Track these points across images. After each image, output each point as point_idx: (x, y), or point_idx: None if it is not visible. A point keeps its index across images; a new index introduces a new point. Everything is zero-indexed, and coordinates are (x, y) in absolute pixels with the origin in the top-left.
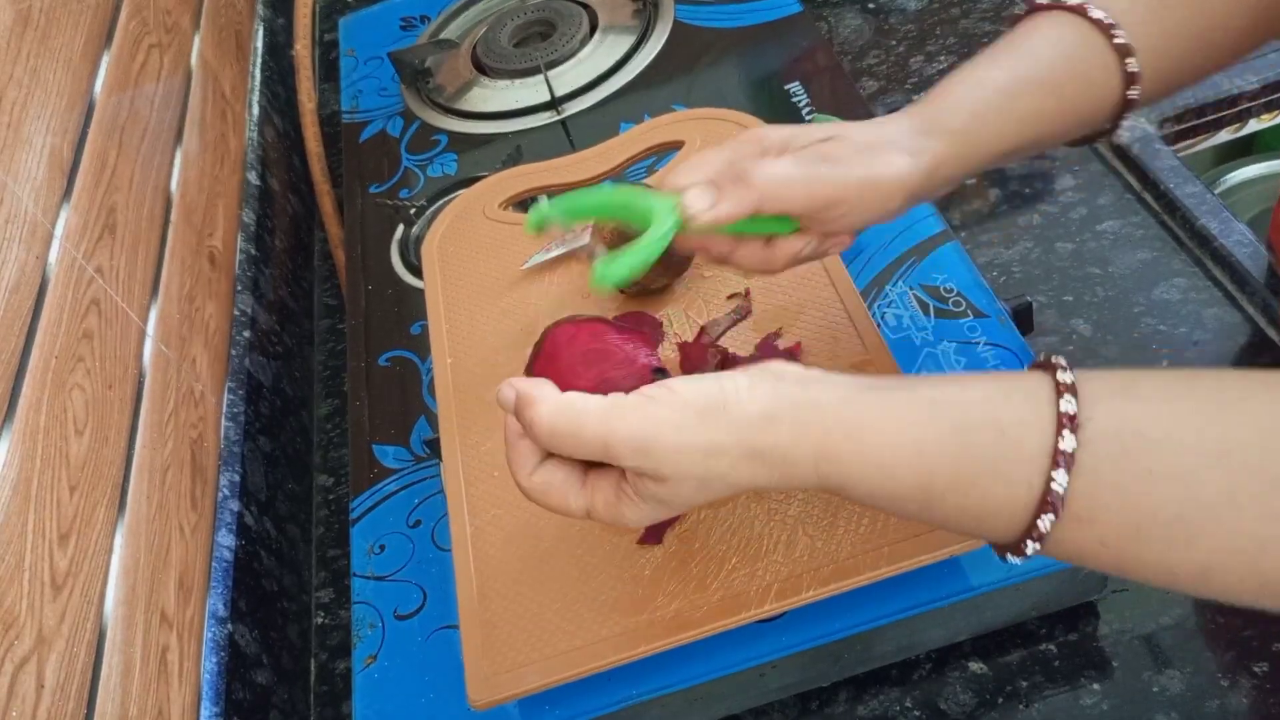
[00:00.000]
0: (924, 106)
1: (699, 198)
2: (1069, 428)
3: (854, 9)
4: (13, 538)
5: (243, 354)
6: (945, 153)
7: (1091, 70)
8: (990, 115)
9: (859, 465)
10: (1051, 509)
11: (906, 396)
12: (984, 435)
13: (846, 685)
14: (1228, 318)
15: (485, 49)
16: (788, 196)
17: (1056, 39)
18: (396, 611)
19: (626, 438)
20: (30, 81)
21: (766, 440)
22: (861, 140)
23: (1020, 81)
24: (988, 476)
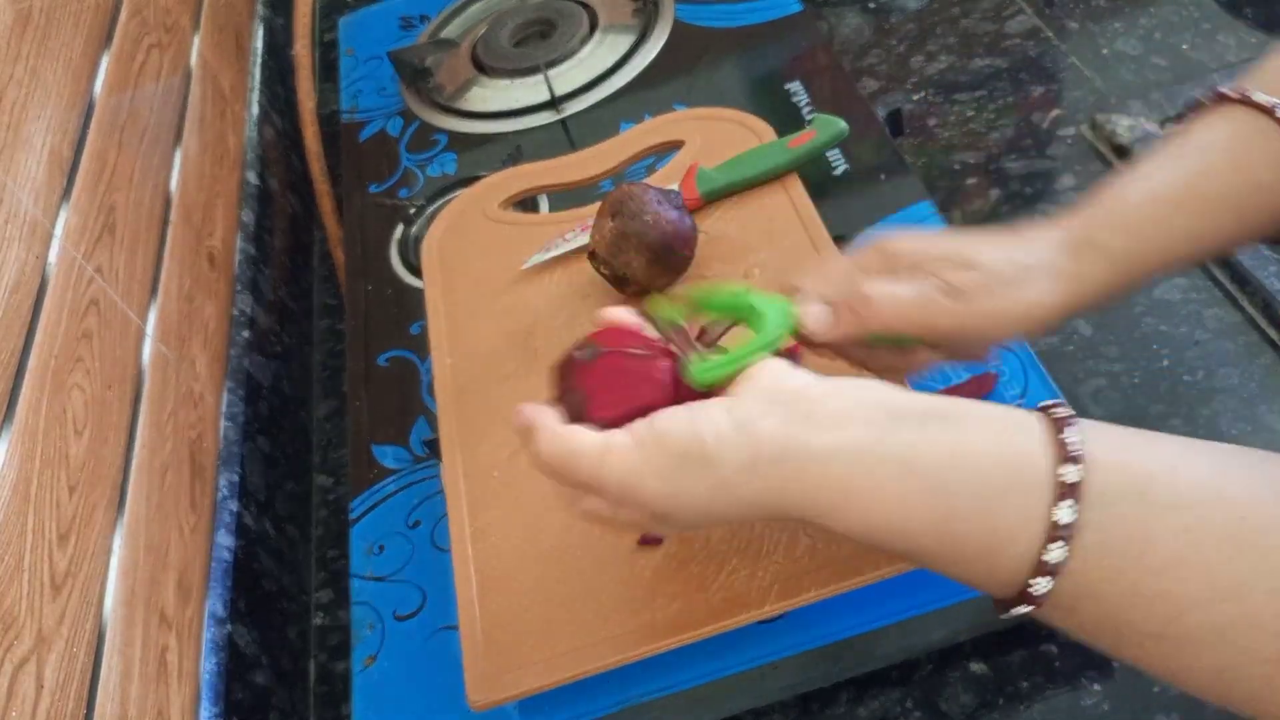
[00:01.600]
0: (1076, 219)
1: (815, 319)
2: (1060, 541)
3: (854, 8)
4: (12, 538)
5: (242, 354)
6: (1099, 276)
7: (1265, 163)
8: (1152, 231)
9: (846, 525)
10: (1036, 603)
11: (897, 463)
12: (973, 526)
13: (847, 686)
14: (1228, 318)
15: (485, 48)
16: (903, 324)
17: (1221, 131)
18: (396, 612)
19: (614, 483)
20: (30, 81)
21: (746, 493)
22: (997, 270)
23: (1186, 188)
24: (972, 564)
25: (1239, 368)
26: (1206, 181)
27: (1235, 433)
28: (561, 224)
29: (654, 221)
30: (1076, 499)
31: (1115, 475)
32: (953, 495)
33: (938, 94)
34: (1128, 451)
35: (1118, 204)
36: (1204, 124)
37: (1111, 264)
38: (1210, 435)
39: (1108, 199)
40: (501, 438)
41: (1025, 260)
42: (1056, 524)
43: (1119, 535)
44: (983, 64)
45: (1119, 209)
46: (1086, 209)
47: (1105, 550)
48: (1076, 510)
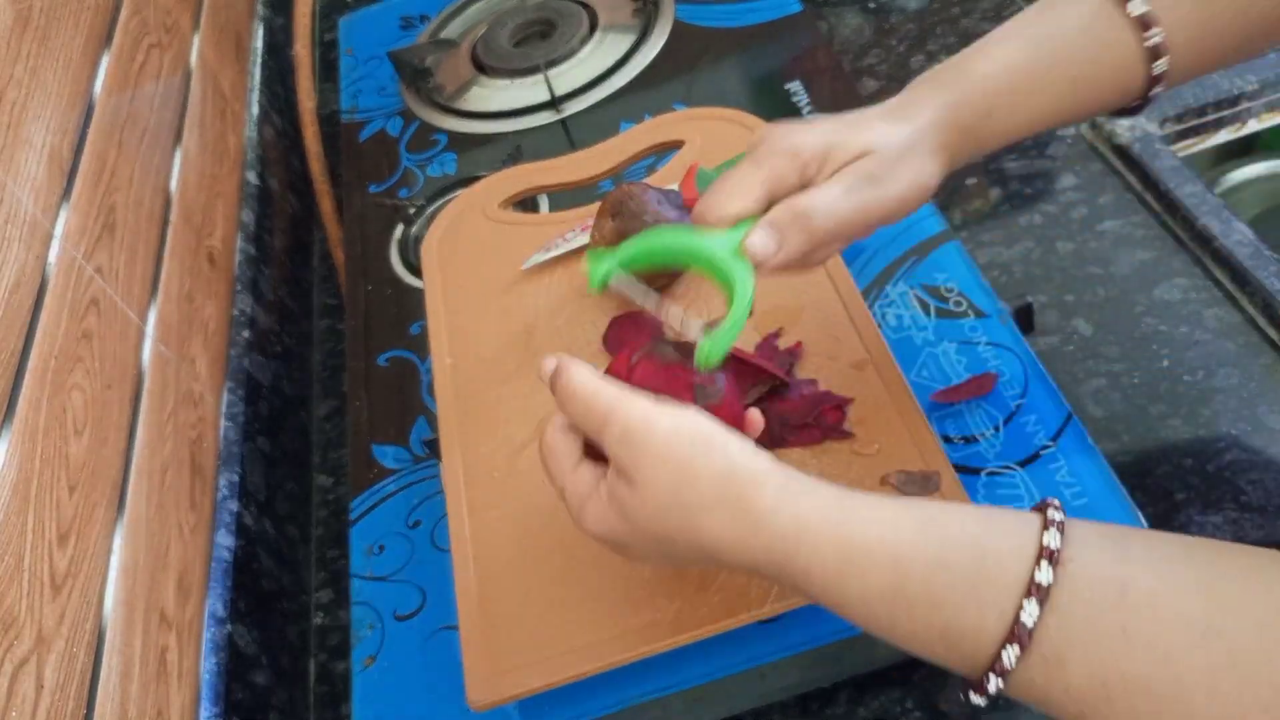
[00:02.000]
0: (945, 91)
1: (763, 246)
2: (1048, 559)
3: (854, 8)
4: (12, 538)
5: (242, 354)
6: (962, 147)
7: (1112, 52)
8: (1006, 108)
9: (833, 556)
10: (1018, 641)
11: (895, 505)
12: (966, 556)
13: (847, 686)
14: (1228, 318)
15: (485, 48)
16: (845, 228)
17: (1076, 19)
18: (396, 612)
19: (623, 420)
20: (30, 81)
21: (748, 494)
22: (893, 152)
23: (1038, 68)
24: (962, 595)
25: (1239, 368)
26: (1052, 65)
27: (1235, 433)
28: (561, 224)
29: (654, 221)
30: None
31: (1092, 527)
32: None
33: None
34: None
35: (974, 79)
36: (1059, 6)
37: (971, 138)
38: (1210, 435)
39: (970, 70)
40: (502, 437)
41: (912, 140)
42: (1045, 547)
43: (1099, 570)
44: None
45: (974, 86)
46: (945, 83)
47: (1087, 584)
48: (1061, 539)
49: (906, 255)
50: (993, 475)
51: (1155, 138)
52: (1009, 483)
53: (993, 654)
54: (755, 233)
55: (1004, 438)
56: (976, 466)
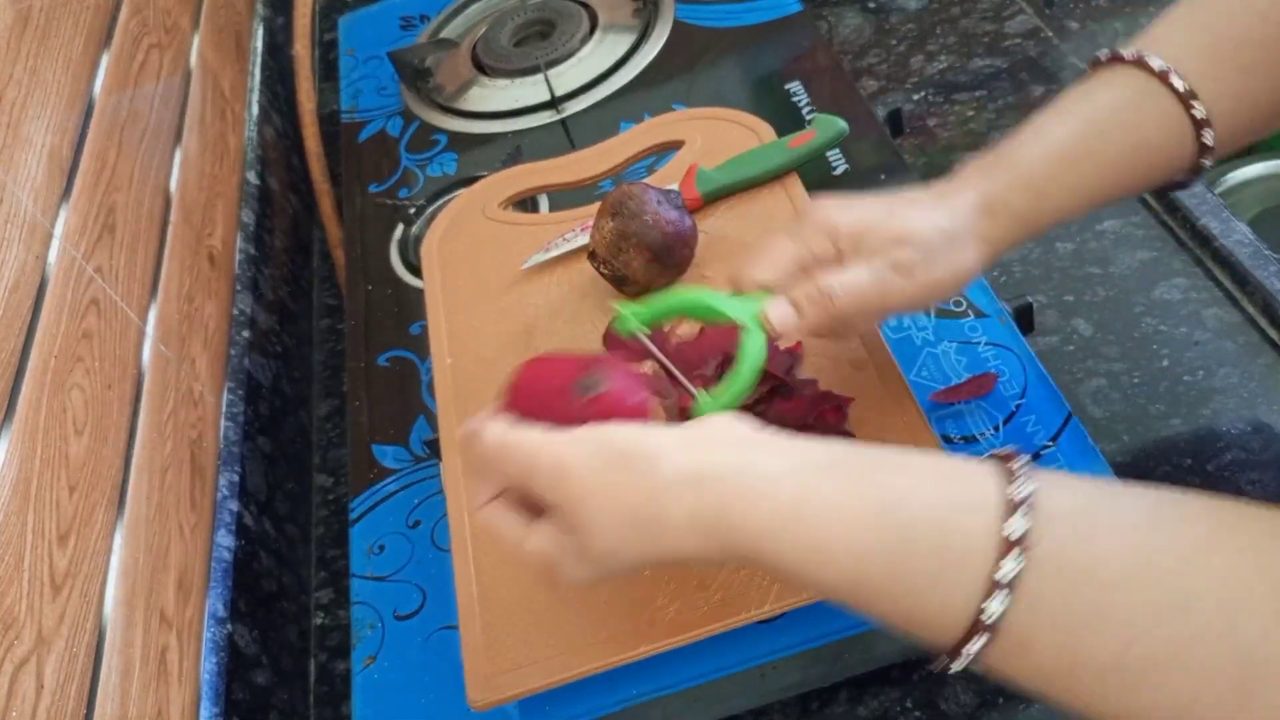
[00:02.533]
0: (988, 180)
1: (781, 320)
2: (1015, 550)
3: (854, 8)
4: (12, 538)
5: (242, 354)
6: (1007, 234)
7: (1158, 128)
8: (1054, 192)
9: (791, 551)
10: (986, 631)
11: (854, 488)
12: (926, 543)
13: (847, 685)
14: (1228, 318)
15: (485, 48)
16: (864, 313)
17: (1115, 93)
18: (396, 612)
19: (545, 468)
20: (30, 81)
21: (688, 505)
22: (930, 241)
23: (1086, 150)
24: (926, 584)
25: (1239, 368)
26: (1102, 142)
27: (1235, 433)
28: (561, 224)
29: (654, 221)
30: (1027, 511)
31: (1062, 496)
32: (906, 512)
33: (938, 94)
34: (1071, 480)
35: (1021, 163)
36: (1100, 83)
37: (1018, 222)
38: (1210, 435)
39: (1011, 157)
40: None
41: (950, 228)
42: (1009, 539)
43: (1070, 550)
44: (983, 64)
45: (1022, 169)
46: (992, 167)
47: (1058, 566)
48: (1029, 519)
49: None
50: None
51: None
52: None
53: (959, 639)
54: (776, 304)
55: (1004, 438)
56: None
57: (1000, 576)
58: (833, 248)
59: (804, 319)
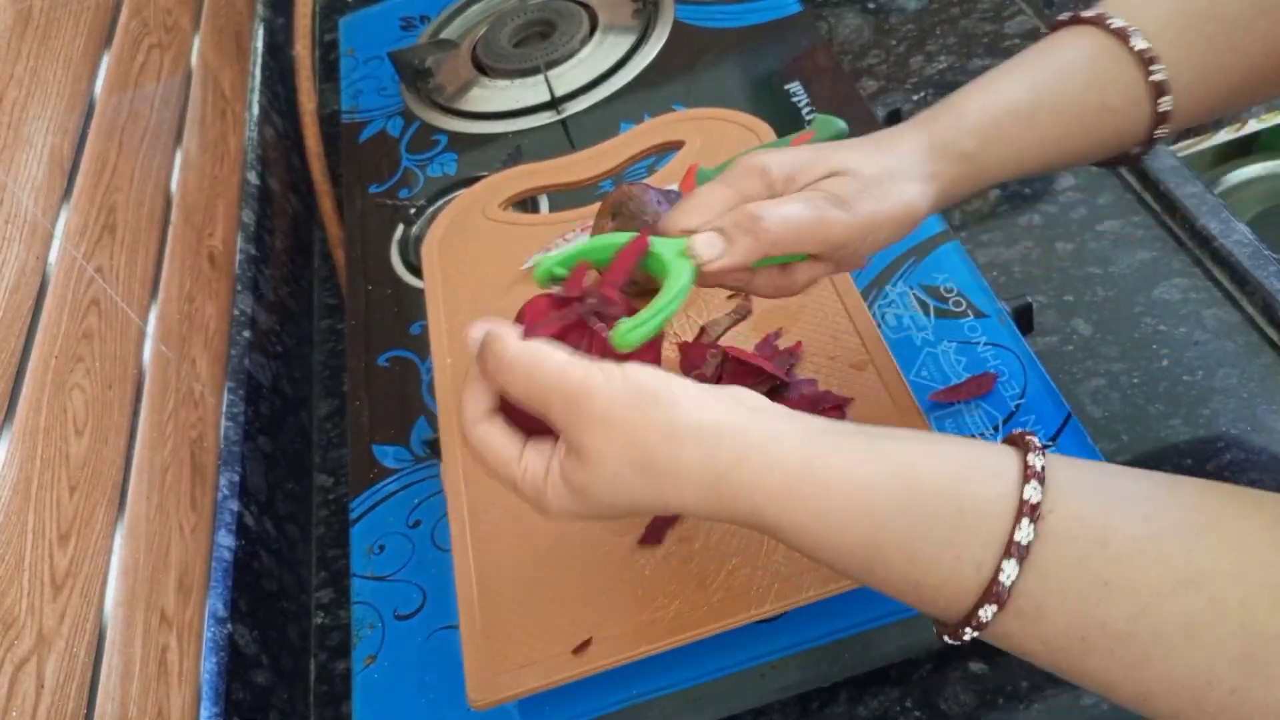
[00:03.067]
0: (935, 123)
1: (707, 247)
2: (1029, 516)
3: (854, 9)
4: (13, 538)
5: (242, 354)
6: (957, 176)
7: (1115, 88)
8: (1004, 138)
9: (803, 510)
10: (995, 599)
11: (866, 448)
12: (941, 506)
13: (846, 685)
14: (1228, 318)
15: (485, 49)
16: (798, 241)
17: (1075, 49)
18: (396, 612)
19: (565, 388)
20: (30, 81)
21: (699, 455)
22: (870, 174)
23: (1038, 102)
24: (937, 549)
25: (1238, 368)
26: (1056, 98)
27: (1235, 432)
28: (561, 224)
29: (654, 222)
30: (1042, 481)
31: (1075, 470)
32: (920, 477)
33: (937, 94)
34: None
35: (972, 105)
36: (1061, 42)
37: (966, 166)
38: (1210, 435)
39: (964, 104)
40: None
41: (893, 165)
42: (1027, 502)
43: (1082, 521)
44: (982, 64)
45: (973, 111)
46: (944, 113)
47: (1070, 535)
48: (1041, 491)
49: (906, 255)
50: None
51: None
52: None
53: (969, 608)
54: (700, 235)
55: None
56: None
57: (1017, 539)
58: (764, 189)
59: (733, 247)
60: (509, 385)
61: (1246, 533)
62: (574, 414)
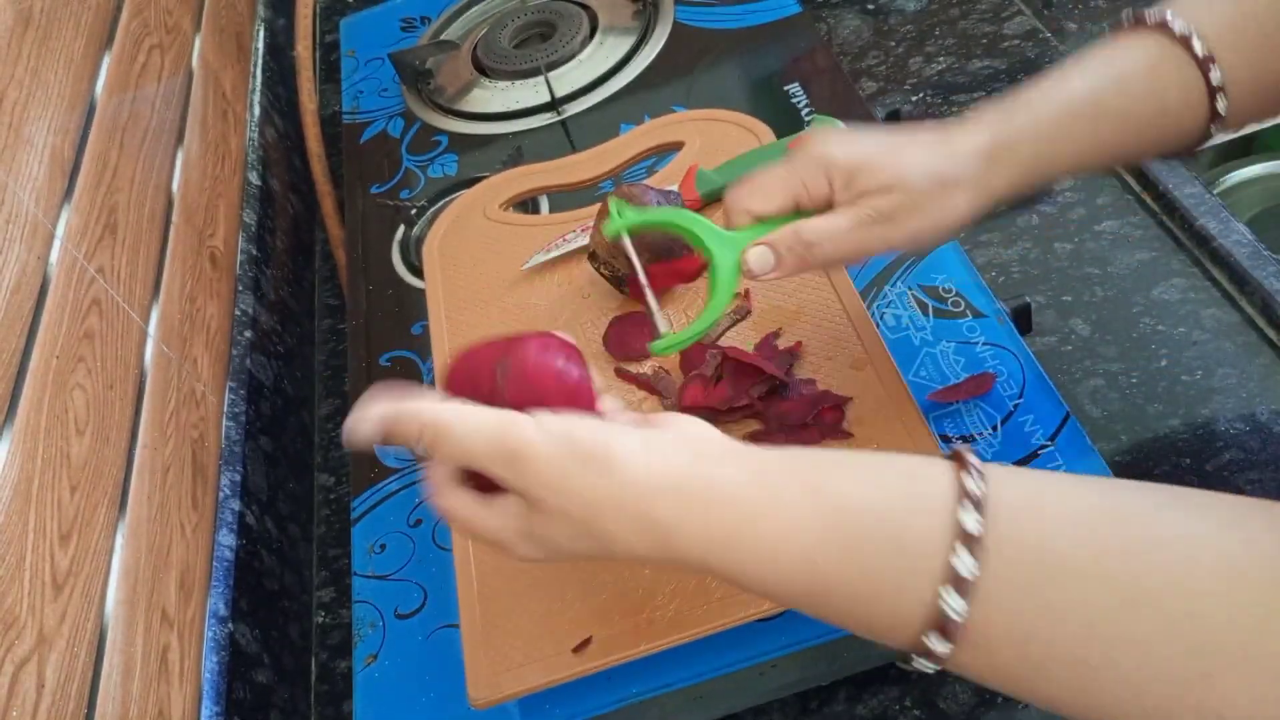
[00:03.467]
0: (999, 125)
1: (759, 261)
2: (968, 547)
3: (853, 10)
4: (13, 538)
5: (244, 354)
6: (1012, 179)
7: (1175, 92)
8: (1066, 138)
9: (747, 561)
10: (943, 632)
11: (801, 491)
12: (881, 547)
13: (846, 684)
14: (1226, 318)
15: (486, 50)
16: (842, 257)
17: (1133, 53)
18: (397, 611)
19: (510, 450)
20: (31, 82)
21: (643, 512)
22: (923, 189)
23: (1099, 106)
24: (881, 588)
25: (1237, 368)
26: (1117, 99)
27: (1234, 432)
28: (561, 225)
29: None
30: (979, 508)
31: (1013, 489)
32: (858, 514)
33: (936, 95)
34: (1020, 474)
35: (1034, 110)
36: (1123, 44)
37: (1022, 168)
38: (1209, 435)
39: (1026, 103)
40: None
41: (946, 173)
42: (964, 531)
43: (1023, 547)
44: (981, 65)
45: (1035, 115)
46: (1007, 111)
47: (1013, 562)
48: (980, 519)
49: (905, 255)
50: None
51: None
52: None
53: (917, 641)
54: (754, 250)
55: (1002, 437)
56: None
57: (959, 571)
58: (826, 184)
59: (781, 265)
60: (454, 460)
61: (1191, 544)
62: (522, 479)
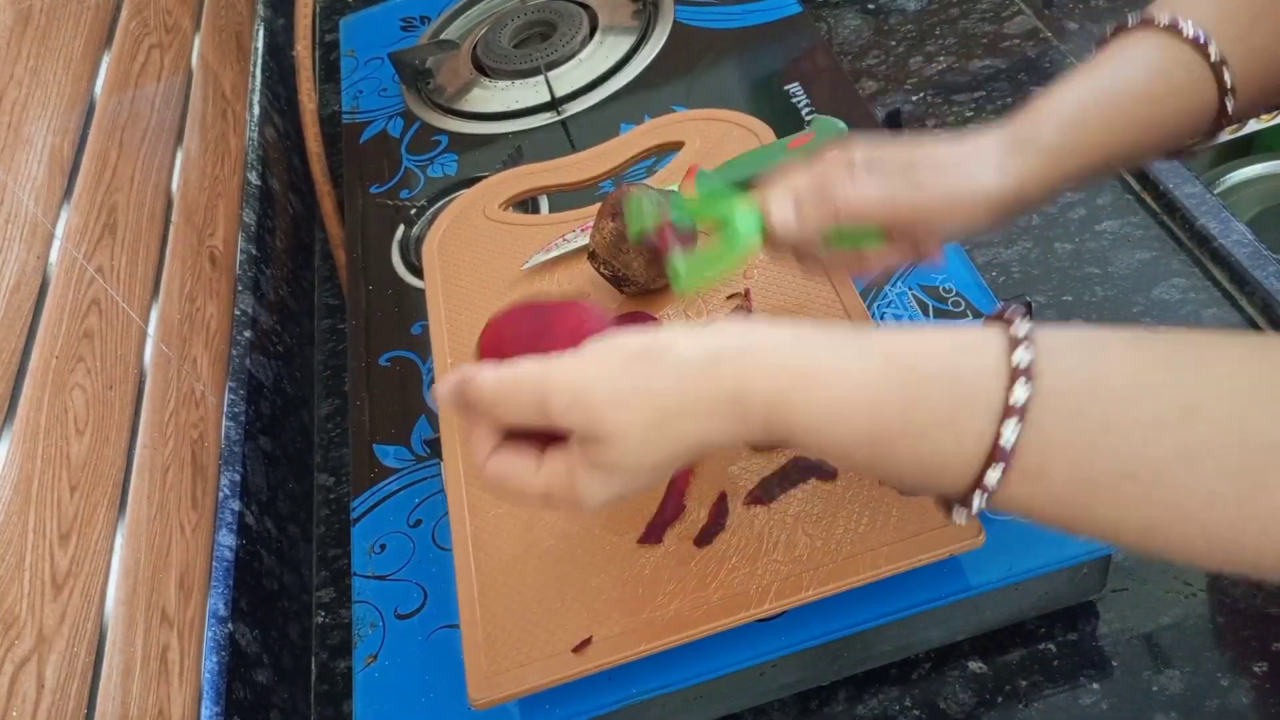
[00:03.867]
0: (1015, 122)
1: (781, 213)
2: (1023, 378)
3: (853, 9)
4: (13, 538)
5: (243, 354)
6: (1035, 168)
7: (1185, 83)
8: (1081, 130)
9: (808, 412)
10: (1001, 460)
11: (859, 345)
12: (937, 386)
13: (846, 684)
14: (1227, 318)
15: (485, 49)
16: (868, 212)
17: (1147, 55)
18: (397, 611)
19: (560, 389)
20: (31, 81)
21: (708, 386)
22: (945, 157)
23: (1113, 95)
24: (939, 427)
25: None
26: (1132, 100)
27: None
28: (561, 224)
29: None
30: (1029, 345)
31: (1058, 332)
32: (913, 360)
33: (937, 95)
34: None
35: (1048, 105)
36: (1133, 44)
37: (1043, 157)
38: None
39: (1040, 103)
40: None
41: (970, 152)
42: (1017, 367)
43: (1073, 374)
44: (982, 65)
45: (1049, 109)
46: (1025, 113)
47: (1063, 390)
48: (1032, 351)
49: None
50: None
51: None
52: None
53: (975, 476)
54: (778, 199)
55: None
56: None
57: (1012, 401)
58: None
59: (803, 215)
60: (505, 416)
61: (1229, 358)
62: (580, 410)
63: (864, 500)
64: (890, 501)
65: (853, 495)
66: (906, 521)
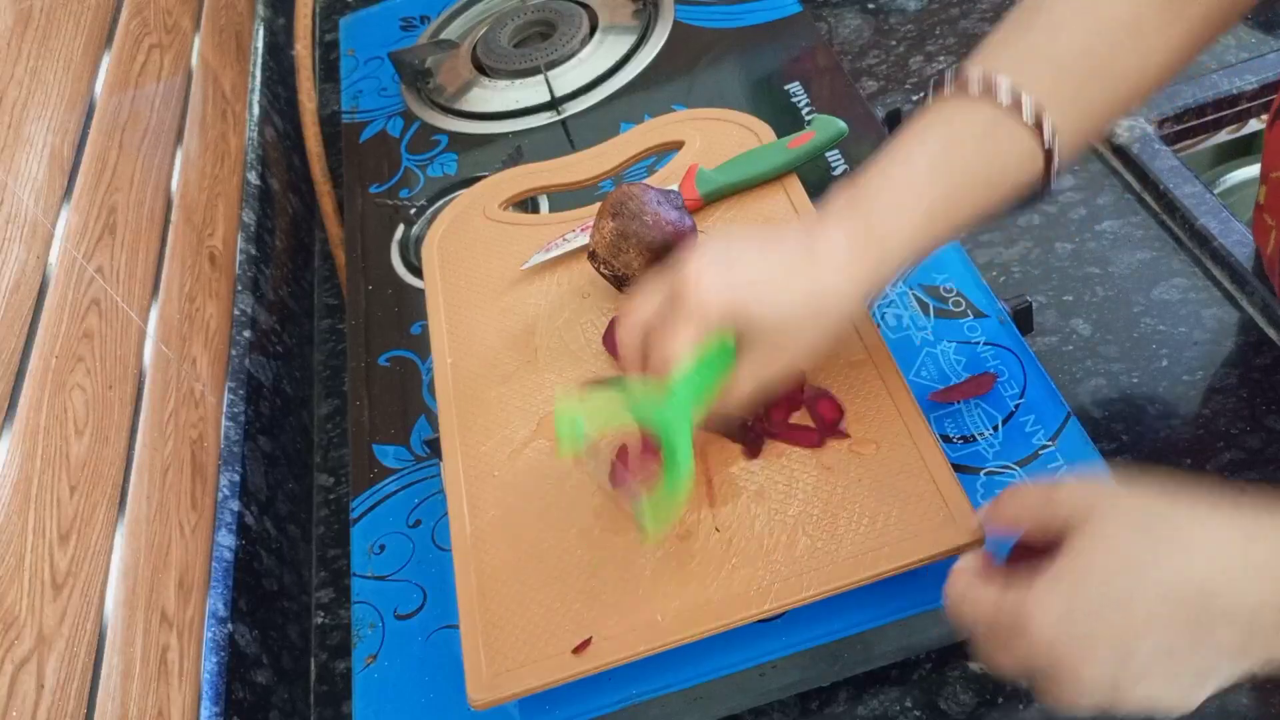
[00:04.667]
0: (851, 223)
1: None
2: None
3: (853, 9)
4: (13, 538)
5: (243, 354)
6: (876, 278)
7: (1015, 155)
8: (927, 230)
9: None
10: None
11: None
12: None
13: (846, 685)
14: (1227, 317)
15: (485, 49)
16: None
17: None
18: (396, 611)
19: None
20: (30, 81)
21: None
22: (799, 321)
23: (957, 190)
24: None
25: (1238, 368)
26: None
27: (1235, 432)
28: (561, 224)
29: (654, 222)
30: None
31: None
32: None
33: None
34: None
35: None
36: (951, 111)
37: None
38: (1210, 435)
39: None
40: (502, 437)
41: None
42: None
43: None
44: None
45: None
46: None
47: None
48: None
49: None
50: (991, 475)
51: (1154, 138)
52: (1008, 482)
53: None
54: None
55: (1003, 437)
56: (975, 466)
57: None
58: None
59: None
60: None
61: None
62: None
63: (864, 501)
64: (890, 502)
65: (853, 496)
66: (906, 521)
